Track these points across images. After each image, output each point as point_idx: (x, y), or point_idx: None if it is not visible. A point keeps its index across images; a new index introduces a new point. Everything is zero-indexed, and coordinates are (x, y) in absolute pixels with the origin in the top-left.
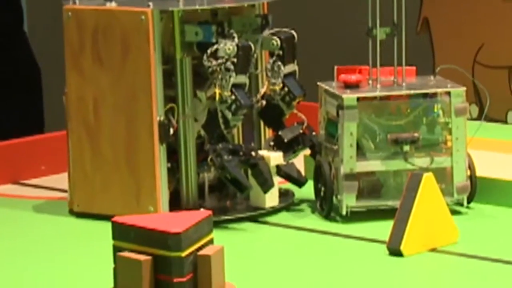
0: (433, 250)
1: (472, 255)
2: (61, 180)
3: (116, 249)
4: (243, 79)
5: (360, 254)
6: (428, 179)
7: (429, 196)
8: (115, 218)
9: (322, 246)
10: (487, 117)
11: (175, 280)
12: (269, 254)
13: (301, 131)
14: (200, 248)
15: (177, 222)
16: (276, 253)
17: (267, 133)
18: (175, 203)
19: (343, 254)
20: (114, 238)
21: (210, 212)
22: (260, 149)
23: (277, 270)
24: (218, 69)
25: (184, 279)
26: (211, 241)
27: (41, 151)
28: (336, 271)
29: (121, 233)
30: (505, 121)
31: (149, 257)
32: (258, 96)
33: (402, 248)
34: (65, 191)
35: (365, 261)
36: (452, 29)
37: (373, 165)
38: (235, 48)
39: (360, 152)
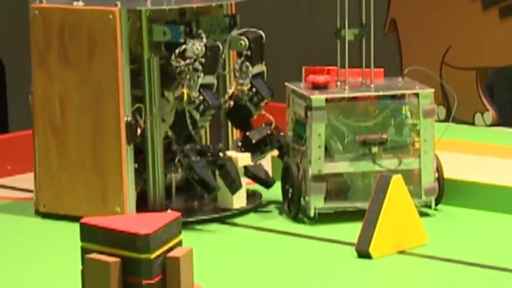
0: (402, 252)
1: (440, 257)
2: (27, 180)
3: (84, 251)
4: (211, 79)
5: (328, 256)
6: (396, 181)
7: (397, 198)
8: (83, 220)
9: (290, 248)
10: (454, 119)
11: (143, 282)
12: (238, 256)
13: (269, 132)
14: (169, 250)
15: (145, 224)
16: (244, 255)
17: (235, 134)
18: (142, 204)
19: (312, 256)
20: (82, 239)
21: (179, 213)
22: (228, 150)
23: (246, 272)
24: (186, 69)
25: (153, 281)
26: (180, 243)
27: (6, 151)
28: (305, 272)
29: (89, 234)
30: (472, 123)
31: (117, 259)
32: (226, 97)
33: (370, 250)
34: (31, 191)
35: (334, 263)
36: (420, 30)
37: (341, 166)
38: (203, 48)
39: (328, 153)
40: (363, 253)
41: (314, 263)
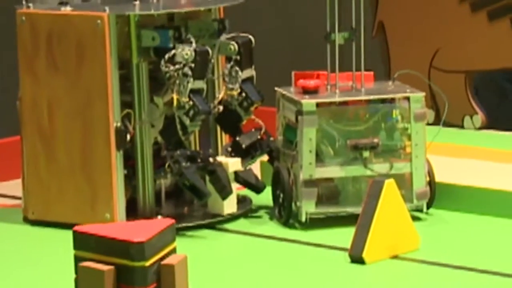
0: (395, 257)
1: (434, 262)
2: (12, 186)
3: (77, 259)
4: (200, 84)
5: (321, 261)
6: (389, 185)
7: (390, 202)
8: (76, 228)
9: (283, 254)
10: (443, 122)
11: None
12: (230, 262)
13: (259, 136)
14: (163, 257)
15: (139, 231)
16: (237, 261)
17: (224, 139)
18: (132, 210)
19: (305, 261)
20: (75, 247)
21: (172, 220)
22: (217, 155)
23: (240, 279)
24: (175, 74)
25: None
26: (174, 250)
27: None
28: (298, 278)
29: (82, 242)
30: (461, 126)
31: (111, 267)
32: (215, 102)
33: (364, 255)
34: (17, 198)
35: (327, 269)
36: (408, 33)
37: (333, 171)
38: (193, 53)
39: (319, 158)
40: (357, 258)
41: (308, 269)
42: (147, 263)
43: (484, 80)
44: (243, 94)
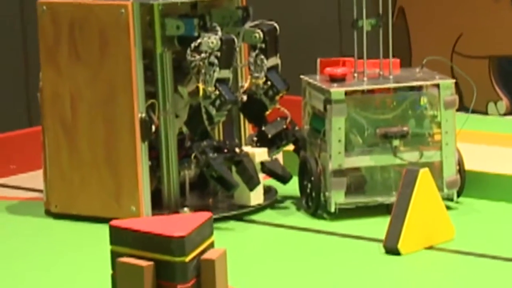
0: (430, 248)
1: (469, 252)
2: (31, 179)
3: (114, 255)
4: (226, 74)
5: (354, 252)
6: (424, 175)
7: (425, 192)
8: (113, 222)
9: (314, 244)
10: (467, 109)
11: (178, 286)
12: (262, 254)
13: (284, 126)
14: (202, 252)
15: (179, 226)
16: (268, 253)
17: (247, 128)
18: (156, 203)
19: (338, 252)
20: (111, 243)
21: (210, 214)
22: (242, 145)
23: (274, 271)
24: (201, 63)
25: (188, 285)
26: (212, 244)
27: (9, 149)
28: (333, 270)
29: (119, 237)
30: (485, 113)
31: (151, 263)
32: (241, 91)
33: (399, 246)
34: (37, 190)
35: (361, 260)
36: (429, 19)
37: (362, 160)
38: (219, 42)
39: (347, 147)
40: (392, 250)
41: (342, 260)
42: (187, 259)
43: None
44: (268, 83)
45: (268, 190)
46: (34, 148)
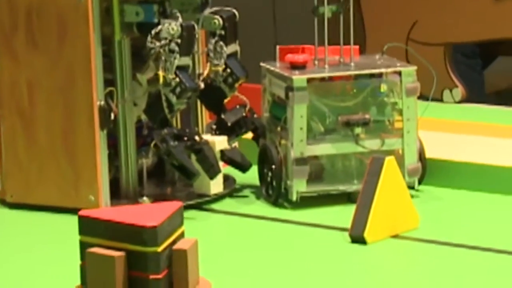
0: (395, 236)
1: (433, 240)
2: None
3: (83, 245)
4: (187, 61)
5: (319, 241)
6: (390, 162)
7: (391, 180)
8: (82, 212)
9: (277, 233)
10: (421, 96)
11: (151, 276)
12: (224, 244)
13: (243, 114)
14: (173, 242)
15: (149, 215)
16: (234, 243)
17: (204, 116)
18: (114, 192)
19: (302, 242)
20: (80, 233)
21: (181, 203)
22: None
23: (241, 261)
24: (161, 50)
25: (160, 276)
26: (182, 234)
27: None
28: (298, 259)
29: (89, 227)
30: (440, 100)
31: (122, 253)
32: (200, 78)
33: (365, 235)
34: None
35: (326, 249)
36: (383, 6)
37: (323, 148)
38: (179, 29)
39: (308, 135)
40: (358, 238)
41: (307, 249)
42: (160, 249)
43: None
44: (228, 70)
45: (226, 179)
46: None
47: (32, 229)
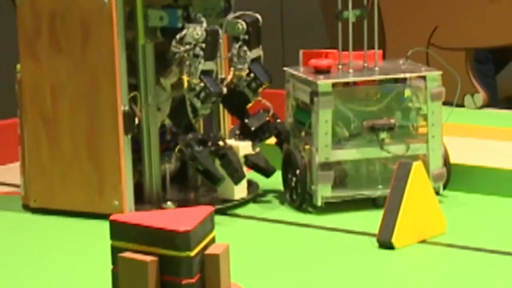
0: (423, 241)
1: (462, 245)
2: (2, 173)
3: (115, 250)
4: (211, 65)
5: (346, 246)
6: (417, 168)
7: (418, 185)
8: (113, 217)
9: (304, 239)
10: (444, 102)
11: (183, 281)
12: (250, 249)
13: (267, 119)
14: (205, 247)
15: (182, 220)
16: (261, 248)
17: (227, 121)
18: (138, 197)
19: (330, 247)
20: (112, 237)
21: (212, 208)
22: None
23: (270, 266)
24: (185, 55)
25: (192, 280)
26: (213, 239)
27: None
28: (326, 265)
29: (120, 232)
30: (462, 105)
31: (155, 258)
32: (224, 83)
33: (393, 240)
34: (12, 185)
35: (354, 254)
36: (404, 11)
37: (349, 153)
38: (204, 33)
39: (332, 139)
40: (386, 244)
41: (335, 255)
42: (193, 253)
43: None
44: (251, 75)
45: (249, 184)
46: (4, 141)
47: (57, 234)
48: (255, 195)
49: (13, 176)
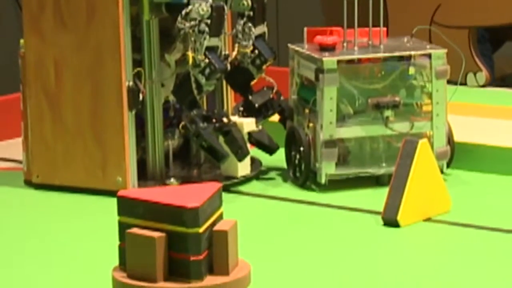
0: (428, 219)
1: (466, 223)
2: (3, 148)
3: (122, 226)
4: (216, 42)
5: (351, 224)
6: (423, 145)
7: (424, 163)
8: (121, 192)
9: (312, 217)
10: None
11: (192, 258)
12: (255, 226)
13: (270, 96)
14: (213, 223)
15: (190, 196)
16: (263, 225)
17: (230, 98)
18: (140, 173)
19: (337, 225)
20: (119, 213)
21: (220, 184)
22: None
23: (276, 243)
24: (190, 31)
25: (201, 257)
26: (221, 215)
27: None
28: (335, 241)
29: (128, 208)
30: (464, 84)
31: (163, 234)
32: (229, 60)
33: (399, 218)
34: (13, 160)
35: (360, 231)
36: None
37: (353, 131)
38: (209, 9)
39: (338, 117)
40: (391, 222)
41: (340, 232)
42: (201, 230)
43: None
44: (256, 52)
45: (252, 161)
46: (4, 116)
47: (60, 210)
48: (258, 172)
49: (16, 152)
